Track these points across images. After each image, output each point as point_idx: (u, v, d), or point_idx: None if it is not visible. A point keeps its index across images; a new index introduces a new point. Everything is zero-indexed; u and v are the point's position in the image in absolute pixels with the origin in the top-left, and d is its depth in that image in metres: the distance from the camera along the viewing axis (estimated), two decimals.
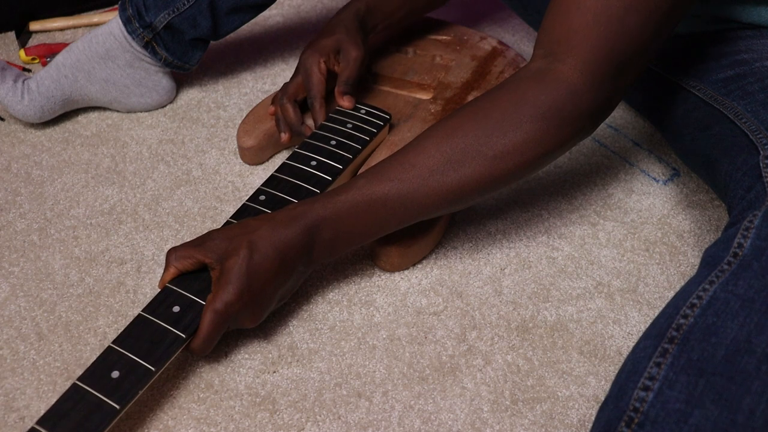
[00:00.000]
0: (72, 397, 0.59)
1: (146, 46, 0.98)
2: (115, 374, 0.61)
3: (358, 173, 0.71)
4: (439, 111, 0.94)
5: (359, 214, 0.69)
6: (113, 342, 0.63)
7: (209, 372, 0.70)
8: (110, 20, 1.00)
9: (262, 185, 0.79)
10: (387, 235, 0.76)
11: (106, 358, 0.62)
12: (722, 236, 0.63)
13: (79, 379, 0.60)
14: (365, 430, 0.66)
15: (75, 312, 0.76)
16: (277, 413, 0.67)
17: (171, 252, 0.68)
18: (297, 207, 0.69)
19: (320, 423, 0.66)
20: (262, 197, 0.77)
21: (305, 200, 0.70)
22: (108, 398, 0.59)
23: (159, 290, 0.68)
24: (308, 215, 0.68)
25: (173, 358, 0.64)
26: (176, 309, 0.66)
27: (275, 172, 0.81)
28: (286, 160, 0.83)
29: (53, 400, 0.68)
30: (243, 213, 0.76)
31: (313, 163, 0.82)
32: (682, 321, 0.56)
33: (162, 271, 0.81)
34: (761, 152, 0.69)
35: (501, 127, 0.68)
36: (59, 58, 0.99)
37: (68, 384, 0.69)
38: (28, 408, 0.68)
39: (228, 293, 0.65)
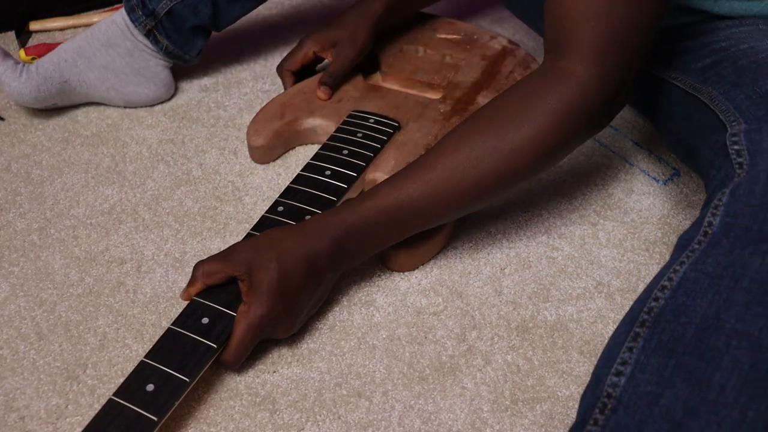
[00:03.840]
0: (109, 412, 0.60)
1: (148, 34, 0.99)
2: (150, 387, 0.62)
3: (380, 181, 0.73)
4: (449, 111, 0.94)
5: (386, 218, 0.71)
6: (145, 356, 0.64)
7: (209, 372, 0.70)
8: (116, 12, 1.01)
9: (279, 197, 0.81)
10: None
11: (140, 373, 0.63)
12: (696, 219, 0.63)
13: (115, 394, 0.61)
14: (365, 430, 0.66)
15: (75, 312, 0.77)
16: (277, 413, 0.67)
17: (198, 266, 0.69)
18: (323, 218, 0.71)
19: (320, 423, 0.66)
20: (281, 208, 0.79)
21: (331, 210, 0.72)
22: (145, 411, 0.60)
23: (184, 303, 0.69)
24: (337, 226, 0.70)
25: (206, 367, 0.65)
26: (205, 321, 0.67)
27: (291, 183, 0.83)
28: (301, 171, 0.85)
29: (53, 400, 0.68)
30: (263, 224, 0.77)
31: (327, 172, 0.84)
32: (653, 304, 0.57)
33: (160, 271, 0.81)
34: (728, 129, 0.69)
35: (515, 123, 0.69)
36: (61, 45, 1.01)
37: (68, 384, 0.69)
38: (28, 408, 0.68)
39: (261, 307, 0.66)
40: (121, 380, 0.63)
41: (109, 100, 1.04)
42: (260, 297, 0.66)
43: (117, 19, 1.00)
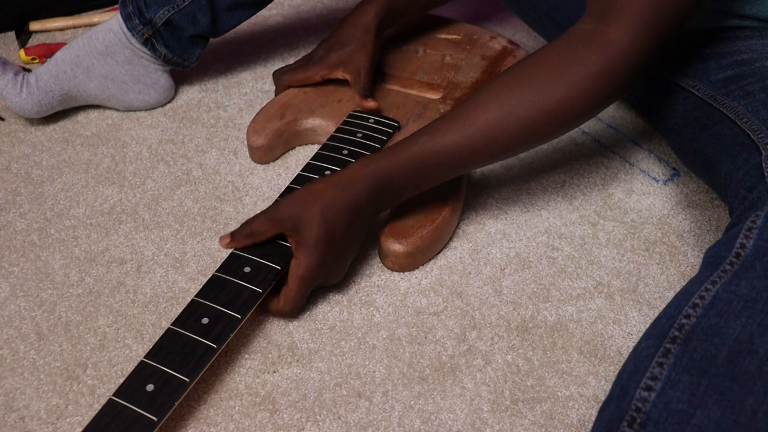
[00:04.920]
0: (109, 412, 0.60)
1: (146, 42, 0.99)
2: (150, 387, 0.62)
3: (418, 130, 0.75)
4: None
5: (422, 166, 0.74)
6: (145, 357, 0.64)
7: (209, 372, 0.70)
8: (111, 18, 1.00)
9: (280, 197, 0.81)
10: (396, 234, 0.79)
11: (140, 373, 0.63)
12: (724, 236, 0.62)
13: (115, 394, 0.61)
14: (365, 430, 0.66)
15: (75, 312, 0.77)
16: (277, 413, 0.67)
17: (247, 225, 0.73)
18: (361, 167, 0.73)
19: (320, 423, 0.66)
20: None
21: (368, 158, 0.74)
22: (145, 411, 0.60)
23: (184, 303, 0.69)
24: (375, 173, 0.73)
25: (206, 367, 0.65)
26: (205, 321, 0.67)
27: (291, 183, 0.83)
28: (301, 171, 0.85)
29: (53, 400, 0.68)
30: None
31: (327, 172, 0.84)
32: (684, 321, 0.56)
33: (160, 271, 0.81)
34: (763, 152, 0.68)
35: (554, 82, 0.71)
36: (59, 54, 1.00)
37: (68, 384, 0.69)
38: (28, 408, 0.68)
39: (311, 260, 0.71)
40: (121, 380, 0.63)
41: (110, 106, 1.04)
42: (310, 251, 0.70)
43: (114, 27, 0.99)
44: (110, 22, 0.99)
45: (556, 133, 0.75)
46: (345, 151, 0.87)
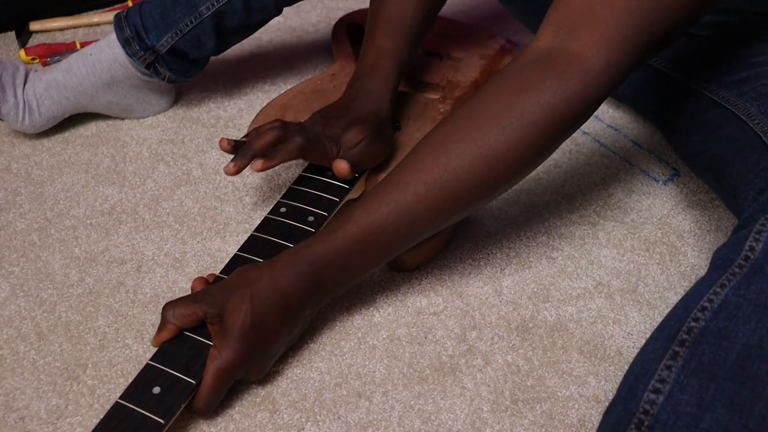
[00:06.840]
0: (116, 415, 0.60)
1: (148, 67, 0.96)
2: (156, 390, 0.61)
3: (353, 204, 0.69)
4: (449, 110, 0.94)
5: (361, 247, 0.65)
6: (151, 359, 0.64)
7: None
8: (110, 38, 0.97)
9: (281, 198, 0.80)
10: None
11: (146, 375, 0.63)
12: (733, 238, 0.62)
13: (121, 397, 0.61)
14: (365, 430, 0.66)
15: (75, 312, 0.77)
16: (277, 413, 0.67)
17: (168, 308, 0.64)
18: (296, 252, 0.66)
19: (320, 423, 0.66)
20: (283, 209, 0.78)
21: (304, 243, 0.67)
22: (152, 414, 0.60)
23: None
24: (309, 259, 0.65)
25: None
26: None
27: (293, 184, 0.82)
28: (302, 172, 0.84)
29: (53, 400, 0.68)
30: (265, 226, 0.77)
31: (329, 173, 0.83)
32: (693, 324, 0.56)
33: (160, 271, 0.81)
34: None
35: (499, 123, 0.61)
36: (59, 77, 0.97)
37: (68, 384, 0.69)
38: (28, 408, 0.68)
39: (232, 350, 0.63)
40: (122, 380, 0.63)
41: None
42: (231, 341, 0.62)
43: (119, 57, 0.95)
44: (112, 48, 0.96)
45: (509, 183, 0.65)
46: None
